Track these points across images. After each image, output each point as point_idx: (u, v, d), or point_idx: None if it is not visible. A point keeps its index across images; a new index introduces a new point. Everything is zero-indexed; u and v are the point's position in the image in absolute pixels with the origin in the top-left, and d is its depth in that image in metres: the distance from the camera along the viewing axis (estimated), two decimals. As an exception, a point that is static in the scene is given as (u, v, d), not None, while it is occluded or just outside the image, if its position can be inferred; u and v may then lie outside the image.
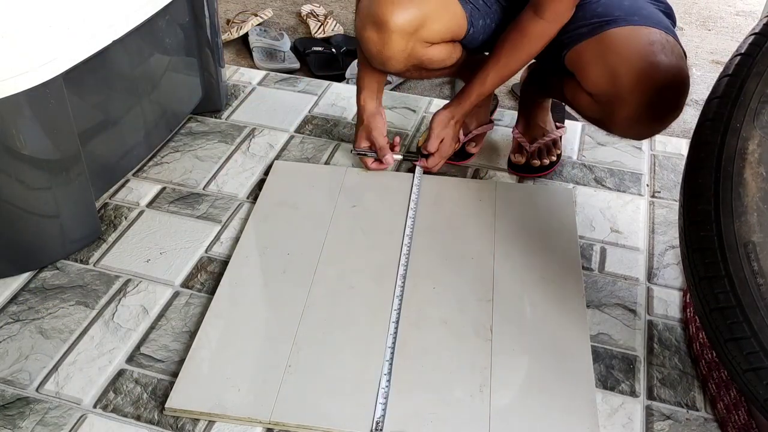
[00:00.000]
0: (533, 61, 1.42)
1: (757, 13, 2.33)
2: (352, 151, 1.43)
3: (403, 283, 1.18)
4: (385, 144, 1.39)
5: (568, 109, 1.77)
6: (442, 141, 1.39)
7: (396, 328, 1.10)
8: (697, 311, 0.91)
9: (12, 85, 1.04)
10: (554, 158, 1.46)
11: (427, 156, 1.40)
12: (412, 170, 1.43)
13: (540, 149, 1.45)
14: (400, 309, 1.13)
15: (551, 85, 1.39)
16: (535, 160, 1.44)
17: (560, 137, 1.50)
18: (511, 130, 1.51)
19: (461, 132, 1.47)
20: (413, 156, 1.45)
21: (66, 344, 1.09)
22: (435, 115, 1.38)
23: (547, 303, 1.15)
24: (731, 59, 0.90)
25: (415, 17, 1.19)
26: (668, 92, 1.12)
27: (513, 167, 1.45)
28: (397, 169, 1.47)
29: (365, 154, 1.41)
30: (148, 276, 1.21)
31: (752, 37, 0.89)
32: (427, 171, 1.42)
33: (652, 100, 1.12)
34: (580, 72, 1.20)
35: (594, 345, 1.11)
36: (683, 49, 1.18)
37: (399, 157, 1.41)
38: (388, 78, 1.78)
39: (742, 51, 0.89)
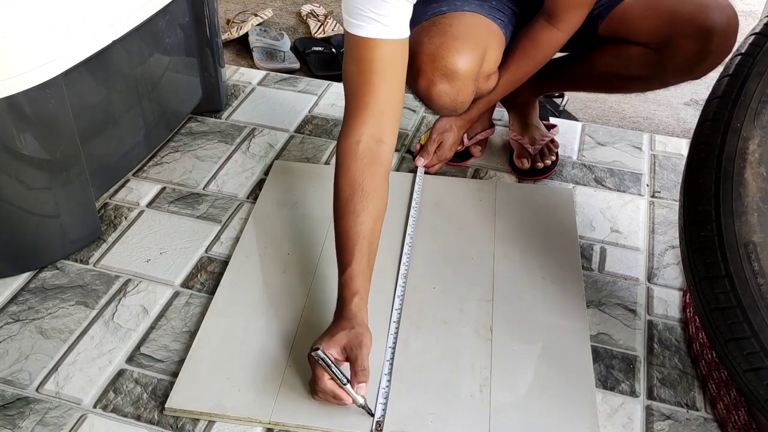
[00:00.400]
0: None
1: (757, 13, 2.33)
2: (317, 350, 0.93)
3: (404, 283, 1.18)
4: (368, 368, 0.95)
5: (568, 108, 1.77)
6: (440, 144, 1.39)
7: (396, 328, 1.10)
8: (697, 311, 0.91)
9: (12, 85, 1.04)
10: (554, 158, 1.46)
11: (414, 155, 1.40)
12: (414, 170, 1.43)
13: (542, 150, 1.45)
14: (400, 309, 1.13)
15: (562, 74, 1.39)
16: (539, 163, 1.44)
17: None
18: (508, 133, 1.51)
19: (465, 136, 1.47)
20: (413, 155, 1.45)
21: (66, 344, 1.09)
22: (438, 119, 1.39)
23: (547, 303, 1.15)
24: (731, 59, 0.90)
25: (478, 56, 1.15)
26: (725, 24, 1.16)
27: (518, 172, 1.45)
28: (397, 169, 1.47)
29: (327, 363, 0.93)
30: (148, 276, 1.21)
31: (752, 37, 0.89)
32: (425, 171, 1.42)
33: (712, 33, 1.15)
34: (630, 28, 1.22)
35: (594, 345, 1.11)
36: None
37: (361, 401, 0.95)
38: None
39: (743, 51, 0.89)
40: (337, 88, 1.73)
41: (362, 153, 1.05)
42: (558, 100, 1.75)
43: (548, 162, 1.44)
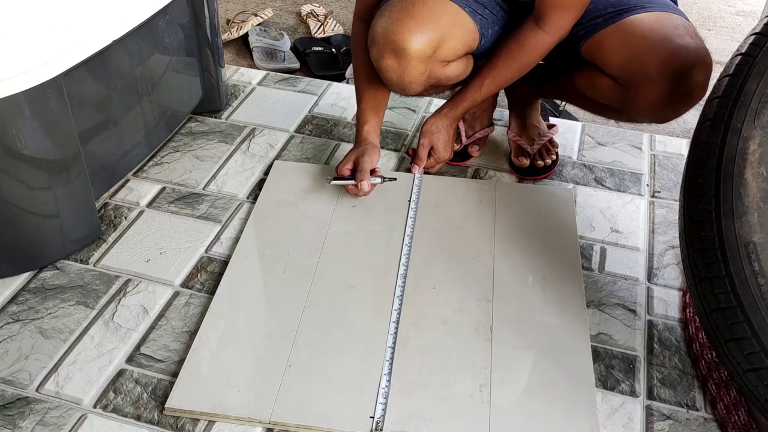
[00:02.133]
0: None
1: (757, 13, 2.33)
2: (328, 180, 1.34)
3: (403, 282, 1.18)
4: (368, 170, 1.29)
5: (568, 108, 1.77)
6: (432, 148, 1.38)
7: (396, 328, 1.10)
8: (697, 311, 0.91)
9: (12, 84, 1.04)
10: (554, 157, 1.46)
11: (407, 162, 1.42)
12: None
13: (540, 150, 1.45)
14: (400, 309, 1.13)
15: (554, 83, 1.39)
16: (538, 161, 1.44)
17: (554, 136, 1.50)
18: (507, 132, 1.51)
19: (464, 134, 1.47)
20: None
21: (66, 344, 1.09)
22: (425, 122, 1.38)
23: (547, 303, 1.15)
24: (732, 59, 0.90)
25: (432, 39, 1.17)
26: (696, 73, 1.13)
27: (517, 171, 1.45)
28: (397, 169, 1.47)
29: (342, 182, 1.32)
30: (148, 276, 1.21)
31: (752, 37, 0.89)
32: (426, 171, 1.42)
33: (679, 82, 1.13)
34: (604, 58, 1.21)
35: (594, 345, 1.11)
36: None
37: (377, 180, 1.32)
38: None
39: (743, 51, 0.89)
40: (337, 88, 1.73)
41: (359, 23, 1.32)
42: (558, 100, 1.75)
43: (548, 161, 1.44)
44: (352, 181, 1.29)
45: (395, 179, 1.34)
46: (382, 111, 1.36)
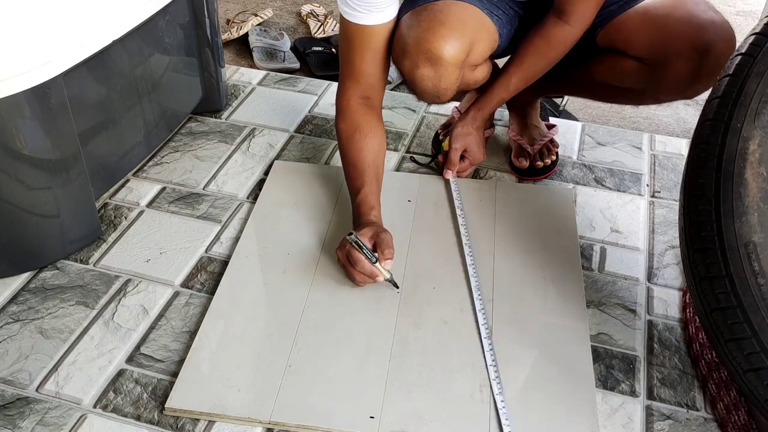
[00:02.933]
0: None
1: (757, 13, 2.33)
2: (350, 235, 1.12)
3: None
4: (392, 251, 1.13)
5: (568, 108, 1.77)
6: (466, 151, 1.38)
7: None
8: (697, 311, 0.91)
9: (12, 84, 1.04)
10: (554, 157, 1.46)
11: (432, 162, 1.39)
12: (414, 170, 1.42)
13: (541, 150, 1.45)
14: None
15: (560, 78, 1.39)
16: (538, 162, 1.43)
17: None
18: (507, 132, 1.51)
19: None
20: (425, 157, 1.47)
21: (66, 344, 1.09)
22: (454, 127, 1.38)
23: (547, 303, 1.15)
24: (732, 59, 0.90)
25: (464, 44, 1.16)
26: (723, 46, 1.13)
27: (517, 171, 1.45)
28: (398, 169, 1.47)
29: (360, 244, 1.11)
30: (148, 276, 1.21)
31: (753, 37, 0.89)
32: (458, 175, 1.41)
33: (708, 55, 1.14)
34: (628, 41, 1.22)
35: (594, 345, 1.11)
36: None
37: (387, 275, 1.14)
38: (388, 77, 1.78)
39: (743, 51, 0.89)
40: (335, 89, 1.73)
41: (356, 105, 1.25)
42: (558, 100, 1.75)
43: (547, 161, 1.44)
44: (377, 264, 1.11)
45: (397, 287, 1.17)
46: (379, 195, 1.24)
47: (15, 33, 1.03)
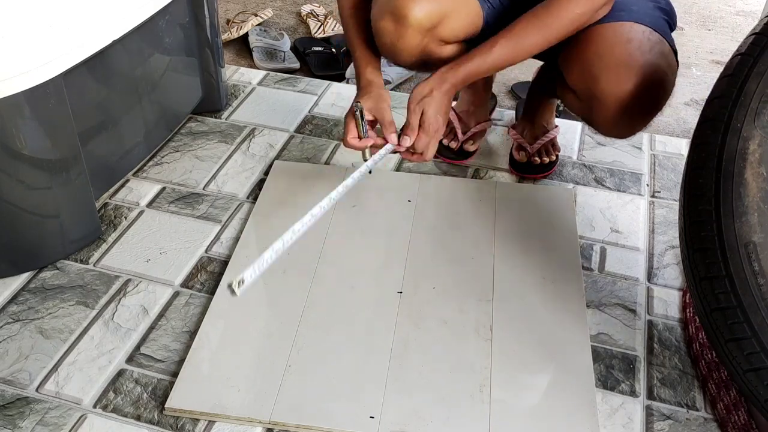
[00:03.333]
0: (542, 62, 1.40)
1: (757, 13, 2.33)
2: (358, 103, 1.19)
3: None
4: (392, 121, 1.19)
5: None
6: (423, 115, 1.15)
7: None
8: (697, 311, 0.91)
9: (12, 84, 1.04)
10: (554, 158, 1.45)
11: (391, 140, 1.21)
12: (416, 169, 1.42)
13: (540, 149, 1.45)
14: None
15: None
16: (535, 158, 1.43)
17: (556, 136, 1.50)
18: (508, 130, 1.51)
19: (459, 132, 1.46)
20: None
21: (66, 344, 1.09)
22: (416, 86, 1.17)
23: (547, 303, 1.15)
24: (731, 59, 0.90)
25: (434, 13, 1.12)
26: (644, 92, 1.07)
27: (514, 165, 1.45)
28: (398, 169, 1.47)
29: (380, 155, 1.18)
30: (148, 276, 1.21)
31: (753, 37, 0.89)
32: (420, 161, 1.22)
33: (627, 100, 1.08)
34: (565, 70, 1.17)
35: (594, 345, 1.11)
36: (673, 47, 1.15)
37: (368, 156, 1.21)
38: (387, 78, 1.77)
39: (743, 51, 0.89)
40: (337, 88, 1.73)
41: None
42: (558, 100, 1.75)
43: (546, 160, 1.43)
44: (388, 147, 1.18)
45: (370, 172, 1.20)
46: (379, 58, 1.25)
47: (15, 33, 1.02)
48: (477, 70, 1.14)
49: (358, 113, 1.18)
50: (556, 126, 1.51)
